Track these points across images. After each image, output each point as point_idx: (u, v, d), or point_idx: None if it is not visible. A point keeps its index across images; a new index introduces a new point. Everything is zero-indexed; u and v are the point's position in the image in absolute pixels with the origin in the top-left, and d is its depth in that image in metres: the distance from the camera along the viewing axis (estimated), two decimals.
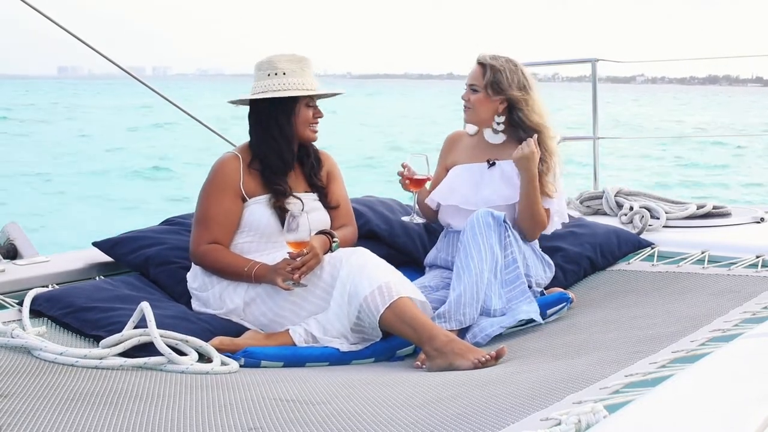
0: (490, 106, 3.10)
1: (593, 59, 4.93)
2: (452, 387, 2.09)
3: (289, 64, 2.90)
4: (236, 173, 2.89)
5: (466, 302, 2.76)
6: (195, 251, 2.87)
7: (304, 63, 2.92)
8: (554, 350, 2.49)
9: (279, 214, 2.84)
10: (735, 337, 1.86)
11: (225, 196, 2.86)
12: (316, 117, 2.93)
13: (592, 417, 1.38)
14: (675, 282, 3.11)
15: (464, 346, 2.51)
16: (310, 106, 2.92)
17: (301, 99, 2.90)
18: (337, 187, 3.07)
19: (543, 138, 3.06)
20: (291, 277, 2.66)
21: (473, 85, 3.12)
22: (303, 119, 2.91)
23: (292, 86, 2.88)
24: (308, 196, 2.97)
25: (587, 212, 4.24)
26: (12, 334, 2.38)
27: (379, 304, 2.55)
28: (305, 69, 2.92)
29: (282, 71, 2.89)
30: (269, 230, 2.85)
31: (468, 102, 3.14)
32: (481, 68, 3.11)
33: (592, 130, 4.98)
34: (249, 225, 2.86)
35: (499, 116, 3.11)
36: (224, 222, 2.85)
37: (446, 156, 3.29)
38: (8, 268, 3.08)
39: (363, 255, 2.71)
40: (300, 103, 2.90)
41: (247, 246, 2.86)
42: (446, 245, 3.17)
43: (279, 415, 1.90)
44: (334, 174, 3.09)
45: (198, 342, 2.53)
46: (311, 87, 2.90)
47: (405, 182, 3.00)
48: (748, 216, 4.00)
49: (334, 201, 3.03)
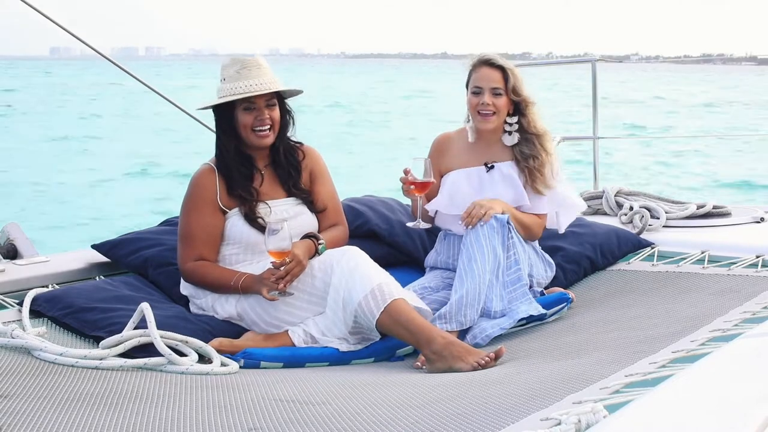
0: (508, 108, 3.06)
1: (593, 59, 4.93)
2: (452, 387, 2.09)
3: (228, 69, 2.81)
4: (212, 186, 2.82)
5: (467, 304, 2.75)
6: (182, 268, 2.84)
7: (243, 65, 2.79)
8: (554, 350, 2.49)
9: (252, 223, 2.78)
10: (735, 337, 1.86)
11: (204, 212, 2.81)
12: (258, 120, 2.80)
13: (592, 417, 1.38)
14: (675, 282, 3.11)
15: (463, 348, 2.50)
16: (251, 110, 2.80)
17: (237, 105, 2.80)
18: (323, 187, 2.97)
19: (543, 141, 3.05)
20: (276, 287, 2.62)
21: (497, 88, 3.00)
22: (243, 125, 2.81)
23: (227, 92, 2.79)
24: (288, 201, 2.90)
25: (587, 212, 4.23)
26: (12, 335, 2.37)
27: (373, 308, 2.53)
28: (241, 72, 2.78)
29: (222, 77, 2.82)
30: (250, 240, 2.80)
31: (493, 107, 3.00)
32: (500, 72, 3.01)
33: (592, 130, 4.98)
34: (232, 237, 2.81)
35: (511, 117, 3.07)
36: (207, 238, 2.80)
37: (438, 161, 3.14)
38: (8, 268, 3.08)
39: (353, 256, 2.66)
40: (237, 109, 2.80)
41: (234, 258, 2.83)
42: (445, 248, 3.16)
43: (279, 415, 1.90)
44: (318, 172, 2.98)
45: (198, 343, 2.53)
46: (247, 90, 2.77)
47: (409, 187, 2.87)
48: (748, 216, 3.99)
49: (321, 204, 2.94)
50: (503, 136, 3.10)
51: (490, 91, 3.00)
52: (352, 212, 3.34)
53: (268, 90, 2.79)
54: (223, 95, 2.80)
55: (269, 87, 2.80)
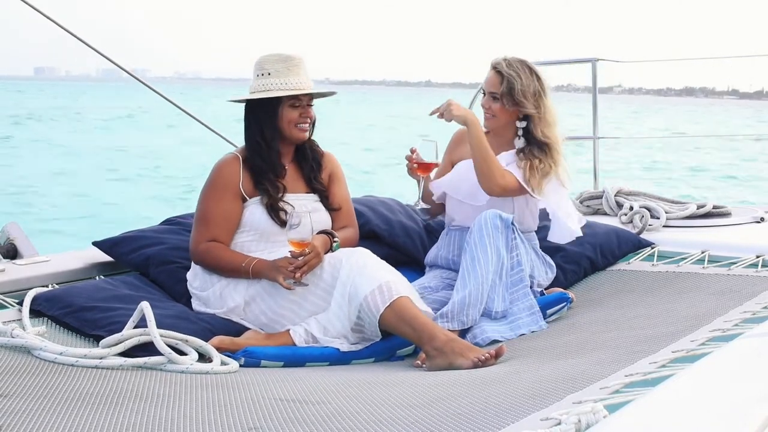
0: (512, 112, 3.09)
1: (593, 59, 4.92)
2: (452, 386, 2.09)
3: (274, 64, 2.86)
4: (236, 174, 2.89)
5: (470, 304, 2.76)
6: (195, 249, 2.88)
7: (291, 62, 2.87)
8: (554, 350, 2.49)
9: (271, 213, 2.85)
10: (735, 337, 1.86)
11: (224, 197, 2.87)
12: (303, 117, 2.89)
13: (592, 417, 1.38)
14: (675, 282, 3.11)
15: (464, 345, 2.52)
16: (296, 107, 2.88)
17: (284, 99, 2.87)
18: (339, 189, 3.06)
19: (551, 151, 3.06)
20: (292, 276, 2.66)
21: (494, 92, 3.08)
22: (287, 120, 2.88)
23: (275, 87, 2.85)
24: (308, 197, 2.97)
25: (587, 212, 4.24)
26: (12, 334, 2.37)
27: (379, 303, 2.56)
28: (291, 68, 2.86)
29: (267, 72, 2.87)
30: (267, 230, 2.85)
31: (489, 110, 3.10)
32: (498, 76, 3.07)
33: (592, 130, 4.98)
34: (249, 224, 2.87)
35: (520, 122, 3.10)
36: (223, 222, 2.86)
37: (453, 150, 3.28)
38: (8, 268, 3.08)
39: (363, 255, 2.71)
40: (283, 104, 2.87)
41: (248, 245, 2.87)
42: (447, 243, 3.17)
43: (279, 414, 1.90)
44: (336, 175, 3.07)
45: (198, 342, 2.53)
46: (296, 87, 2.85)
47: (412, 166, 2.97)
48: (748, 216, 4.00)
49: (336, 203, 3.02)
50: (516, 139, 3.14)
51: (488, 95, 3.11)
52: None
53: (317, 90, 2.92)
54: (270, 89, 2.85)
55: (315, 87, 2.92)
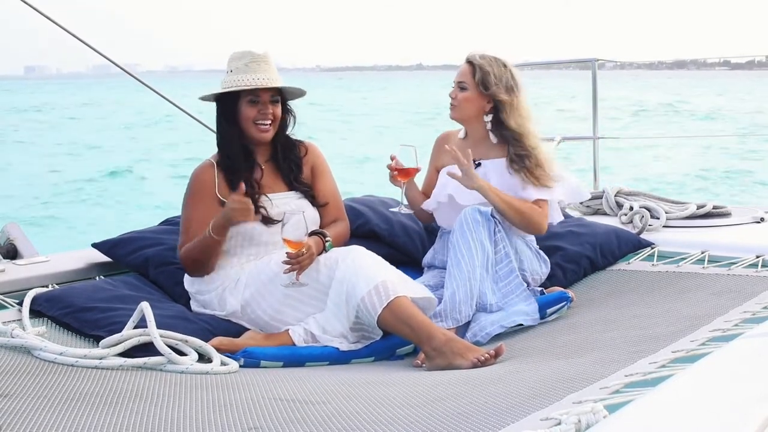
0: (477, 104, 3.08)
1: (593, 59, 4.92)
2: (452, 386, 2.09)
3: (236, 61, 2.85)
4: (211, 180, 2.87)
5: (460, 300, 2.77)
6: (180, 256, 2.89)
7: (251, 58, 2.83)
8: (554, 350, 2.49)
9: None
10: (735, 337, 1.86)
11: (201, 203, 2.86)
12: (262, 114, 2.85)
13: (592, 417, 1.38)
14: (675, 282, 3.11)
15: (463, 345, 2.51)
16: (254, 104, 2.84)
17: (242, 97, 2.84)
18: (325, 183, 3.02)
19: (523, 139, 3.04)
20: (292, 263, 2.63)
21: (462, 82, 3.10)
22: (245, 117, 2.86)
23: (233, 83, 2.83)
24: (290, 194, 2.94)
25: (587, 212, 4.23)
26: (12, 334, 2.38)
27: (376, 304, 2.54)
28: (250, 65, 2.82)
29: (230, 69, 2.86)
30: (249, 230, 2.82)
31: (455, 99, 3.12)
32: (470, 67, 3.09)
33: (592, 130, 4.98)
34: (232, 228, 2.81)
35: (486, 115, 3.10)
36: (203, 228, 2.81)
37: (437, 157, 3.26)
38: (8, 268, 3.08)
39: (359, 254, 2.69)
40: (241, 101, 2.85)
41: (239, 250, 2.85)
42: (442, 246, 3.17)
43: (279, 414, 1.90)
44: (319, 168, 3.02)
45: (198, 342, 2.53)
46: (252, 83, 2.81)
47: (393, 173, 2.96)
48: (748, 216, 3.99)
49: (323, 199, 2.99)
50: (490, 134, 3.13)
51: (456, 84, 3.12)
52: (352, 212, 3.34)
53: (273, 84, 2.84)
54: (228, 86, 2.83)
55: (275, 82, 2.84)
